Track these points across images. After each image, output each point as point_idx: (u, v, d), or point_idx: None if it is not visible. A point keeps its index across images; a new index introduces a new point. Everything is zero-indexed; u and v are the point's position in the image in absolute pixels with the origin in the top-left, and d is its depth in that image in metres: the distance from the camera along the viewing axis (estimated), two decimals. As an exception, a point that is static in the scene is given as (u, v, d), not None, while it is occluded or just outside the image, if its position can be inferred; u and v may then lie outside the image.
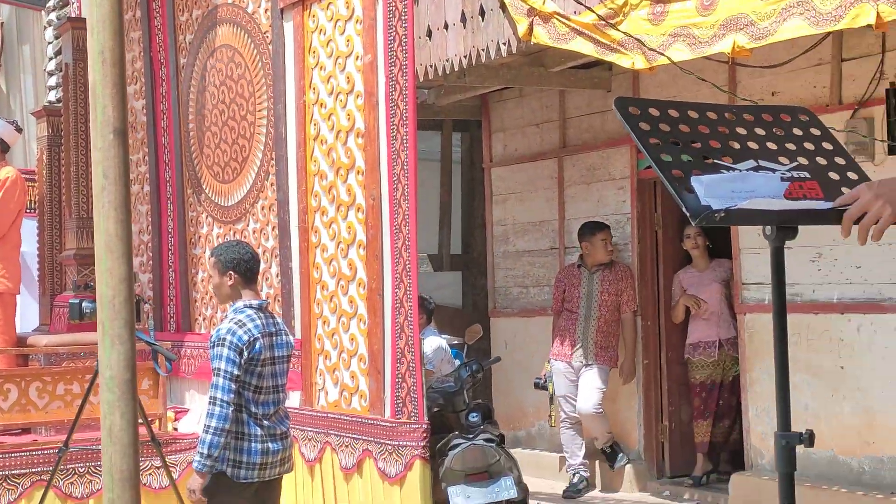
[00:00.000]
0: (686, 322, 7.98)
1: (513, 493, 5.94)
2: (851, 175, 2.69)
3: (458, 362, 7.17)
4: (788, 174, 2.63)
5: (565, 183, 8.84)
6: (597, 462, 8.28)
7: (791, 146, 2.72)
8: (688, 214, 2.45)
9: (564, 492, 8.10)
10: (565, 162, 8.84)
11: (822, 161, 2.70)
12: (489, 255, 9.62)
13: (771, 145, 2.71)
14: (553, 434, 8.70)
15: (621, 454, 8.10)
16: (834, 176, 2.67)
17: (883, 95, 6.51)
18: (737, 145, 2.68)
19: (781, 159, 2.68)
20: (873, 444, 6.68)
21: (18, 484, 6.27)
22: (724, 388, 7.85)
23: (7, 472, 6.26)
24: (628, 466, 8.12)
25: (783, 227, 2.55)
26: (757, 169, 2.63)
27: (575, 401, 8.08)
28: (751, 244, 7.33)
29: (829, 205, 2.53)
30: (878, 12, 4.80)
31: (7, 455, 6.31)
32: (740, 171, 2.60)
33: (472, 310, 10.34)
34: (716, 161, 2.60)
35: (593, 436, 8.15)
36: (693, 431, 7.97)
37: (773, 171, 2.63)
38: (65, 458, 5.96)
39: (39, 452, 6.34)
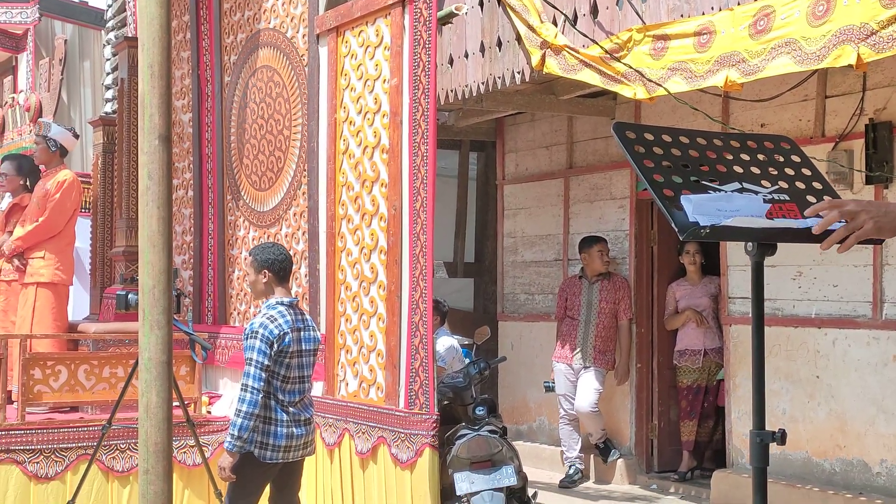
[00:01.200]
0: (676, 330, 7.97)
1: (513, 481, 5.91)
2: (828, 199, 2.69)
3: (467, 360, 7.16)
4: (770, 196, 2.63)
5: (570, 201, 8.83)
6: (591, 456, 8.26)
7: (773, 171, 2.73)
8: (676, 230, 2.45)
9: (561, 482, 8.08)
10: (571, 181, 8.84)
11: (800, 185, 2.71)
12: (499, 264, 9.61)
13: (755, 170, 2.71)
14: (552, 429, 8.69)
15: (614, 449, 8.08)
16: (812, 199, 2.67)
17: (863, 130, 6.49)
18: (723, 169, 2.69)
19: (764, 183, 2.68)
20: (844, 447, 6.65)
21: (65, 457, 6.30)
22: (709, 391, 7.83)
23: (56, 446, 6.29)
24: (620, 461, 8.10)
25: (763, 243, 2.55)
26: (741, 191, 2.63)
27: (574, 399, 8.07)
28: (738, 261, 7.31)
29: (806, 224, 2.53)
30: (858, 54, 4.79)
31: (56, 430, 6.34)
32: (726, 192, 2.60)
33: (483, 313, 10.34)
34: (703, 182, 2.61)
35: (589, 432, 8.13)
36: (680, 431, 7.96)
37: (756, 193, 2.64)
38: (108, 434, 5.99)
39: (85, 429, 6.37)
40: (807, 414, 6.86)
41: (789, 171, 2.74)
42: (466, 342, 7.68)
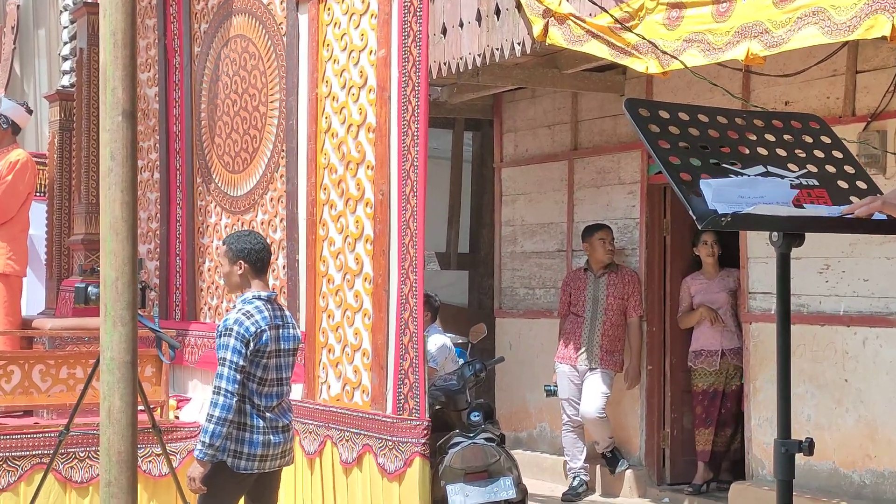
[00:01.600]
0: (691, 329, 7.97)
1: (511, 494, 5.93)
2: (861, 184, 2.69)
3: (461, 361, 7.16)
4: (797, 181, 2.63)
5: (575, 185, 8.83)
6: (597, 466, 8.28)
7: (801, 153, 2.72)
8: (694, 218, 2.45)
9: (564, 495, 8.09)
10: (576, 164, 8.83)
11: (831, 169, 2.70)
12: (496, 255, 9.61)
13: (780, 152, 2.70)
14: (554, 436, 8.69)
15: (622, 459, 8.09)
16: (843, 184, 2.67)
17: (897, 108, 6.50)
18: (746, 150, 2.68)
19: (790, 166, 2.67)
20: (875, 457, 6.66)
21: (18, 466, 6.29)
22: (727, 396, 7.83)
23: (7, 454, 6.27)
24: (629, 472, 8.11)
25: (790, 233, 2.53)
26: (766, 175, 2.62)
27: (578, 404, 8.07)
28: (759, 253, 7.31)
29: (837, 212, 2.52)
30: (893, 24, 4.78)
31: (8, 437, 6.32)
32: (749, 176, 2.60)
33: (478, 309, 10.34)
34: (724, 165, 2.60)
35: (595, 440, 8.13)
36: (694, 439, 7.96)
37: (782, 177, 2.63)
38: (66, 441, 5.97)
39: (40, 435, 6.36)
40: (834, 421, 6.87)
41: (818, 154, 2.73)
42: (460, 341, 7.68)
